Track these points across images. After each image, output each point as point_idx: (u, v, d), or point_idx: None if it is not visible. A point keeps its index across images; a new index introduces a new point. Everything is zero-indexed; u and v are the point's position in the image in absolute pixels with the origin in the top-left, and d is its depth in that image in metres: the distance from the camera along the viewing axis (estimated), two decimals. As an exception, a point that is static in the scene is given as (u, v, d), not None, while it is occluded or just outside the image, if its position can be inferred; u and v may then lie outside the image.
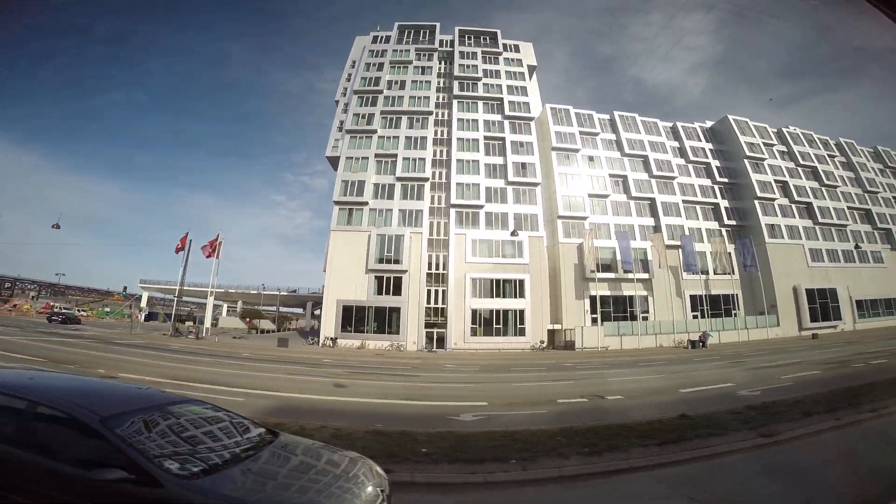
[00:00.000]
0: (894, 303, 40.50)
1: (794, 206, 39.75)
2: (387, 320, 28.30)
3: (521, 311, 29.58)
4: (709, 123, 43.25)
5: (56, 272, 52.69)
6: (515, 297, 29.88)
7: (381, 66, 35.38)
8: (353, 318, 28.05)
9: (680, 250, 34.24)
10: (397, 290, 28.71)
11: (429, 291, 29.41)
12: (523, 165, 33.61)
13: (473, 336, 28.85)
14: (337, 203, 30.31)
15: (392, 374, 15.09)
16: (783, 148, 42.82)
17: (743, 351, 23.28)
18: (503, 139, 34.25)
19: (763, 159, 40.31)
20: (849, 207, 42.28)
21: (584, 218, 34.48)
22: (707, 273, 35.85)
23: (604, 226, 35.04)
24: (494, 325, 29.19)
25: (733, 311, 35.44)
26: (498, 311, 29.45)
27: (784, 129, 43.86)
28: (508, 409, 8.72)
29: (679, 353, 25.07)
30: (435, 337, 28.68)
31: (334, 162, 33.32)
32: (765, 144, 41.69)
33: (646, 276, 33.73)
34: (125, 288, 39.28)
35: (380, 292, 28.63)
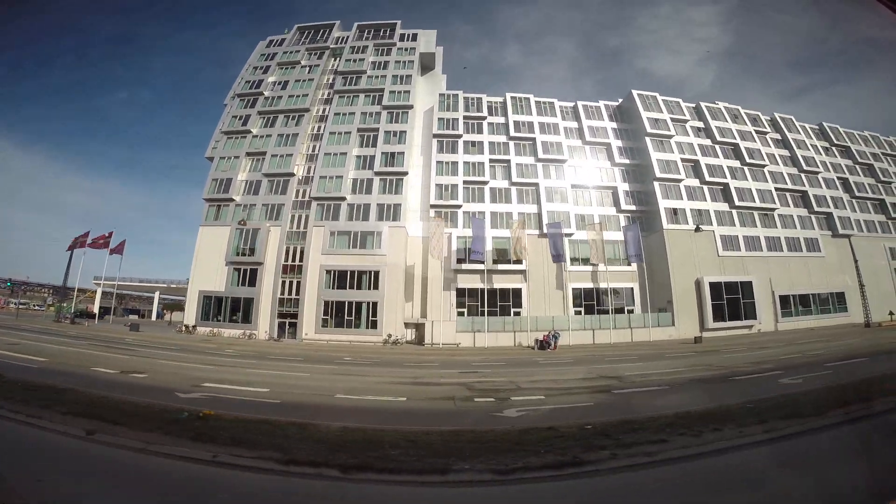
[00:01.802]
0: (833, 298, 36.77)
1: (705, 187, 37.05)
2: (241, 310, 30.26)
3: (375, 304, 30.28)
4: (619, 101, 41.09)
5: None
6: (370, 289, 30.62)
7: (267, 69, 37.10)
8: (211, 307, 30.29)
9: (551, 239, 33.13)
10: (252, 282, 30.53)
11: (284, 283, 30.92)
12: (392, 155, 34.04)
13: (325, 327, 29.95)
14: (206, 200, 32.53)
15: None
16: (700, 124, 39.86)
17: (593, 356, 21.39)
18: (377, 130, 34.85)
19: (669, 136, 37.77)
20: (778, 189, 38.67)
21: (458, 206, 34.35)
22: (596, 264, 34.24)
23: (480, 213, 34.73)
24: (346, 318, 30.15)
25: (627, 308, 33.49)
26: (350, 304, 30.38)
27: (703, 104, 40.73)
28: None
29: (522, 355, 24.35)
30: (287, 327, 30.23)
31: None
32: (675, 120, 39.01)
33: (519, 266, 33.01)
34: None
35: (237, 283, 30.61)
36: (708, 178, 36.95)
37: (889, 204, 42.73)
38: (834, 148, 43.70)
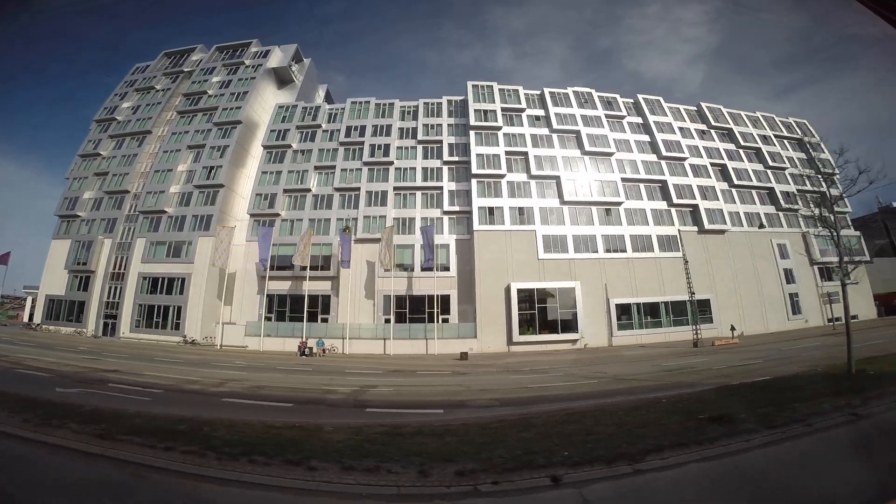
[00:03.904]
0: (691, 307, 32.20)
1: (533, 182, 34.93)
2: (75, 311, 34.49)
3: (180, 308, 32.86)
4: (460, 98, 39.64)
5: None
6: (178, 294, 33.22)
7: (125, 95, 41.11)
8: (53, 309, 34.94)
9: (343, 245, 32.79)
10: (86, 287, 34.60)
11: (111, 288, 34.48)
12: (212, 169, 36.28)
13: (138, 328, 32.96)
14: (58, 216, 37.18)
15: None
16: (540, 112, 37.44)
17: (350, 365, 21.60)
18: (204, 146, 37.28)
19: (497, 128, 36.04)
20: (629, 179, 35.29)
21: (276, 215, 35.69)
22: (411, 270, 33.53)
23: (298, 221, 35.68)
24: (155, 319, 33.05)
25: (443, 317, 31.72)
26: (160, 307, 33.22)
27: (548, 90, 38.11)
28: None
29: (279, 359, 24.84)
30: (110, 327, 33.90)
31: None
32: (508, 110, 37.06)
33: (327, 273, 33.48)
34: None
35: (75, 288, 34.84)
36: (535, 172, 34.85)
37: (780, 193, 37.25)
38: (713, 131, 38.81)
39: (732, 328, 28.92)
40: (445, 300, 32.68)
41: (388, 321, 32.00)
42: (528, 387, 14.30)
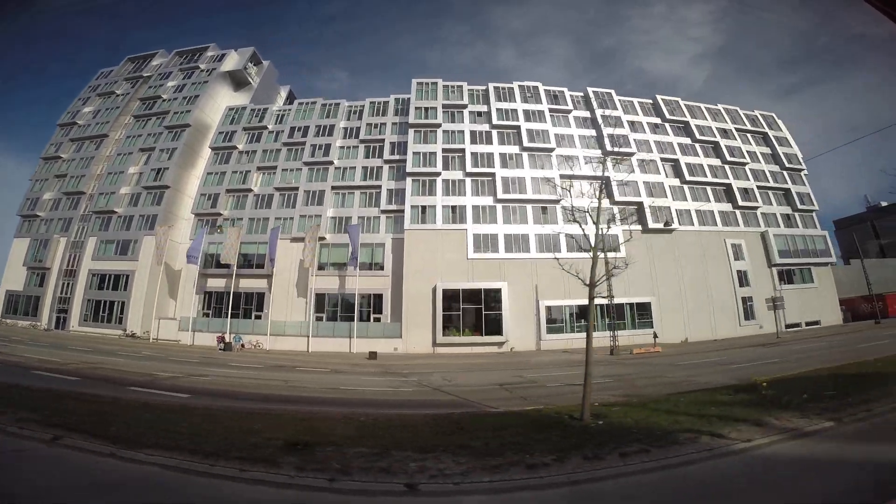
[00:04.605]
0: (630, 310, 30.75)
1: (468, 179, 34.24)
2: (33, 305, 36.30)
3: (123, 303, 34.01)
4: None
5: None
6: (122, 290, 34.40)
7: (88, 100, 42.82)
8: (12, 303, 36.91)
9: (270, 244, 32.99)
10: (42, 283, 36.33)
11: (64, 284, 36.02)
12: (160, 171, 37.31)
13: (86, 321, 34.48)
14: (20, 216, 38.97)
15: None
16: (483, 108, 36.63)
17: (247, 360, 22.10)
18: (154, 148, 38.39)
19: (436, 125, 35.52)
20: (566, 177, 34.00)
21: (219, 214, 36.36)
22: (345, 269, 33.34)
23: (238, 220, 36.18)
24: (101, 314, 34.31)
25: (374, 316, 31.84)
26: (106, 302, 34.49)
27: (493, 85, 37.23)
28: None
29: (199, 353, 25.31)
30: (62, 320, 35.46)
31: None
32: (451, 107, 36.43)
33: (263, 272, 33.71)
34: None
35: (33, 284, 36.55)
36: (470, 170, 34.15)
37: (737, 189, 35.19)
38: (667, 125, 37.02)
39: (655, 335, 27.46)
40: (379, 299, 32.58)
41: (319, 319, 32.23)
42: (346, 388, 13.92)
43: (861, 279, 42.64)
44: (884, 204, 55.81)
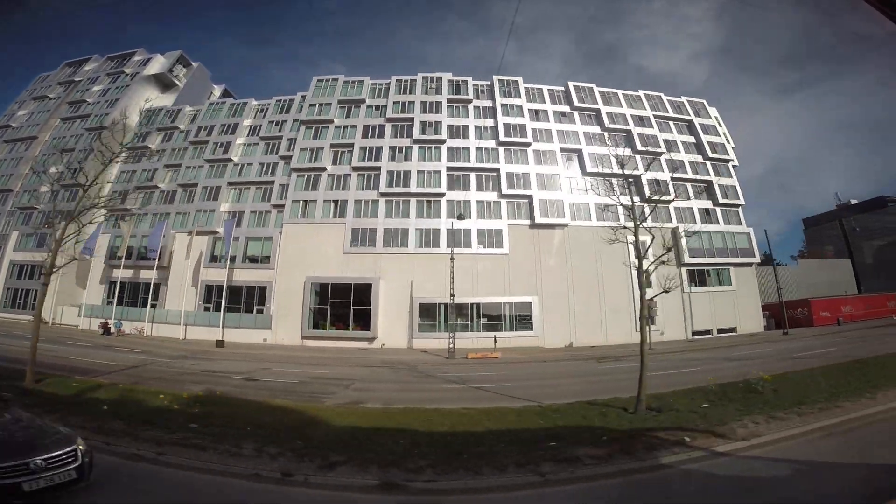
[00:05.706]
0: (511, 310, 28.86)
1: (354, 173, 33.36)
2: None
3: (37, 291, 35.74)
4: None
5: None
6: (37, 279, 36.08)
7: (23, 103, 45.07)
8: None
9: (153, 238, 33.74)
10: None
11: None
12: (76, 170, 38.47)
13: (5, 308, 35.98)
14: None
15: None
16: (382, 102, 35.52)
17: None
18: (74, 149, 39.80)
19: (328, 122, 34.83)
20: (453, 169, 32.51)
21: (127, 210, 37.28)
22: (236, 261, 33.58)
23: (144, 215, 36.99)
24: (18, 301, 36.02)
25: (257, 308, 31.79)
26: (24, 290, 36.33)
27: (397, 77, 36.08)
28: None
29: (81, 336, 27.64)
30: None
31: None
32: (348, 102, 35.64)
33: (161, 263, 34.44)
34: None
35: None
36: (357, 164, 33.26)
37: (646, 182, 32.21)
38: (576, 113, 34.58)
39: (495, 340, 25.60)
40: (263, 291, 32.48)
41: (206, 309, 32.66)
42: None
43: (808, 280, 38.44)
44: (853, 202, 50.26)
